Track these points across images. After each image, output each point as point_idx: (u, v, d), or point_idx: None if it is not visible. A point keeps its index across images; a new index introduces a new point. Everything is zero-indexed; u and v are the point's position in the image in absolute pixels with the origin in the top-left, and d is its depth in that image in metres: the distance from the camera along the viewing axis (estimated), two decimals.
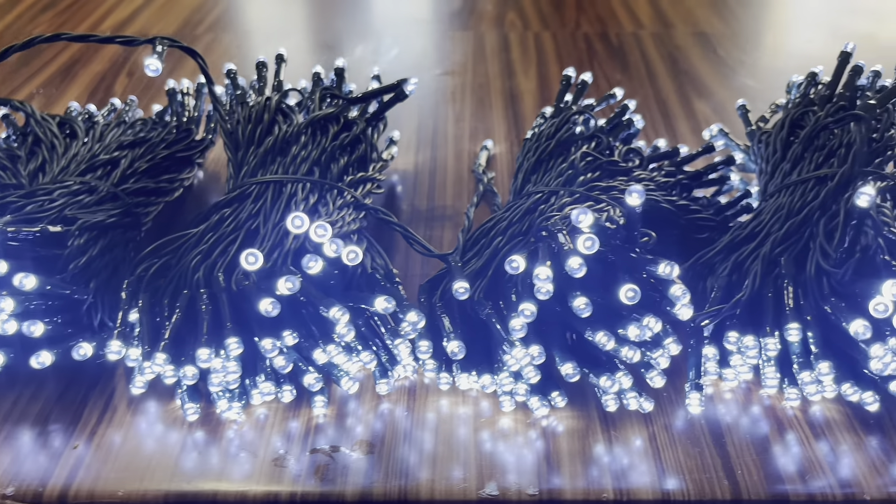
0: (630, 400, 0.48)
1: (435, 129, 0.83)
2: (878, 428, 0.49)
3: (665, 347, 0.47)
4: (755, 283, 0.52)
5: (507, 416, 0.50)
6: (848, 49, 0.65)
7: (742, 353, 0.51)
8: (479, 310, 0.50)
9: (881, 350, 0.45)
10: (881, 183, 0.55)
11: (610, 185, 0.59)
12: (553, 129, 0.64)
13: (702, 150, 0.67)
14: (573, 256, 0.45)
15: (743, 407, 0.51)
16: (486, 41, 1.05)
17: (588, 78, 0.69)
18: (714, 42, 1.03)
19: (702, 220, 0.62)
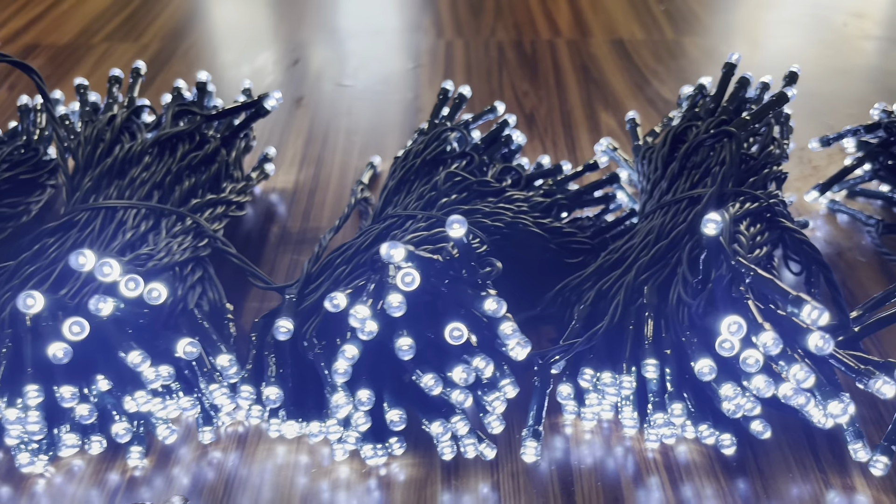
0: (468, 447, 0.44)
1: (324, 144, 0.79)
2: (741, 472, 0.45)
3: (501, 390, 0.43)
4: (616, 315, 0.49)
5: (345, 465, 0.46)
6: (732, 60, 0.61)
7: (599, 391, 0.47)
8: (307, 350, 0.45)
9: (731, 390, 0.42)
10: (751, 204, 0.51)
11: (474, 207, 0.55)
12: (422, 146, 0.60)
13: (585, 168, 0.64)
14: (392, 293, 0.40)
15: (599, 449, 0.47)
16: (394, 49, 1.01)
17: (467, 92, 0.65)
18: (630, 50, 0.99)
19: (576, 242, 0.58)
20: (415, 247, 0.45)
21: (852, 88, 0.92)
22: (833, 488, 0.45)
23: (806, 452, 0.46)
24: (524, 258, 0.56)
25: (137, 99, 0.63)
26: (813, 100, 0.88)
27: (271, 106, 0.61)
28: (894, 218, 0.67)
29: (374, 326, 0.42)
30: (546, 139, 0.80)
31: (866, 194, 0.69)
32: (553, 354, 0.46)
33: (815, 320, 0.37)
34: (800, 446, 0.47)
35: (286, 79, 0.93)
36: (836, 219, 0.68)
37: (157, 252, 0.49)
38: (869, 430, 0.47)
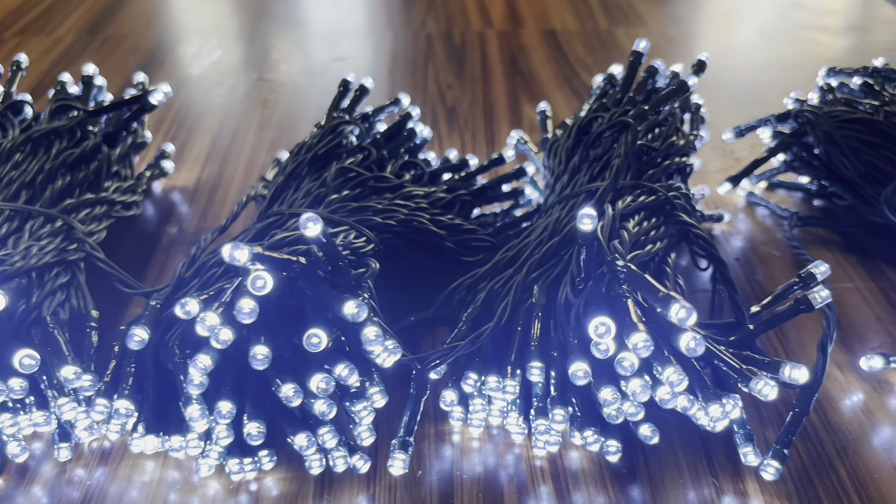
0: (337, 460, 0.41)
1: (233, 140, 0.76)
2: (631, 479, 0.43)
3: (369, 399, 0.40)
4: (504, 316, 0.46)
5: (215, 480, 0.43)
6: (639, 48, 0.59)
7: (484, 395, 0.45)
8: (167, 359, 0.42)
9: (611, 394, 0.39)
10: (647, 197, 0.49)
11: (365, 204, 0.52)
12: (315, 140, 0.57)
13: (490, 162, 0.61)
14: (244, 298, 0.38)
15: (485, 458, 0.45)
16: (321, 41, 0.98)
17: (369, 83, 0.63)
18: (562, 41, 0.97)
19: (476, 240, 0.56)
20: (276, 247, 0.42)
21: (786, 79, 0.90)
22: (725, 494, 0.42)
23: (700, 457, 0.44)
24: (419, 257, 0.54)
25: (16, 94, 0.60)
26: (744, 90, 0.86)
27: (158, 101, 0.58)
28: (813, 210, 0.66)
29: (229, 334, 0.39)
30: (466, 132, 0.77)
31: (786, 186, 0.67)
32: (432, 359, 0.43)
33: (683, 320, 0.35)
34: (694, 451, 0.45)
35: (204, 73, 0.90)
36: (754, 212, 0.66)
37: (12, 256, 0.45)
38: (767, 434, 0.45)
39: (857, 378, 0.49)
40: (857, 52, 0.98)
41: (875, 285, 0.57)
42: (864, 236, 0.61)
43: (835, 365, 0.51)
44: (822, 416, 0.47)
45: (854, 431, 0.46)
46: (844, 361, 0.51)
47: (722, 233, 0.63)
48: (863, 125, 0.57)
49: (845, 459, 0.44)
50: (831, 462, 0.44)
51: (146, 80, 0.66)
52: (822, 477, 0.43)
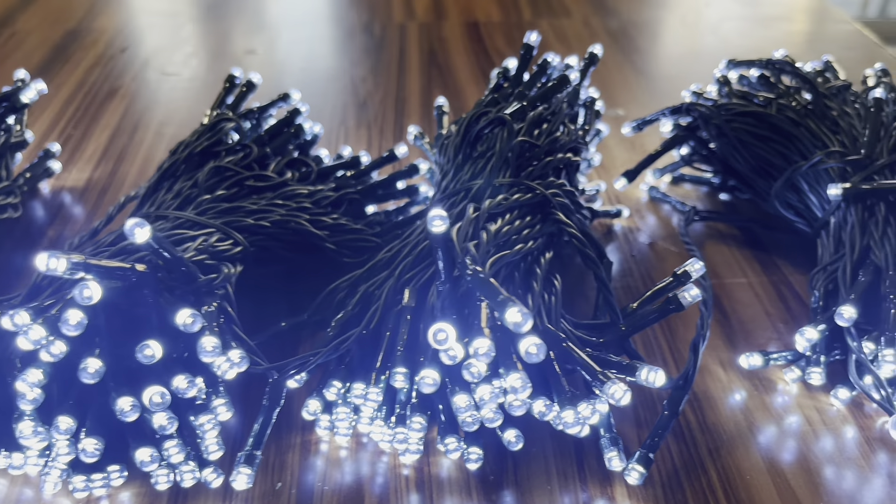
0: (185, 475, 0.39)
1: (131, 138, 0.73)
2: (497, 486, 0.42)
3: (213, 412, 0.38)
4: (373, 320, 0.45)
5: (66, 498, 0.41)
6: (530, 41, 0.58)
7: (350, 403, 0.43)
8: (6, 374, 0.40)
9: (464, 401, 0.38)
10: (523, 195, 0.47)
11: (237, 205, 0.51)
12: (194, 137, 0.55)
13: (383, 158, 0.60)
14: (70, 309, 0.36)
15: (352, 468, 0.43)
16: (232, 34, 0.95)
17: (256, 79, 0.61)
18: (483, 33, 0.96)
19: (361, 240, 0.54)
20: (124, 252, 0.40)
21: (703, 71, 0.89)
22: (593, 499, 0.41)
23: (571, 462, 0.43)
24: (298, 259, 0.52)
25: None
26: (659, 83, 0.86)
27: (29, 98, 0.55)
28: (718, 204, 0.65)
29: (62, 347, 0.37)
30: (374, 127, 0.75)
31: (691, 180, 0.66)
32: (290, 368, 0.42)
33: (518, 325, 0.33)
34: (566, 456, 0.44)
35: (109, 68, 0.87)
36: (657, 207, 0.65)
37: None
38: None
39: (738, 376, 0.49)
40: (781, 42, 0.97)
41: (768, 280, 0.57)
42: (761, 230, 0.61)
43: (718, 363, 0.50)
44: (700, 416, 0.46)
45: (730, 431, 0.45)
46: (728, 359, 0.50)
47: (622, 228, 0.62)
48: (755, 118, 0.57)
49: (717, 460, 0.43)
50: (703, 463, 0.43)
51: (27, 77, 0.63)
52: (692, 479, 0.42)
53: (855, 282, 0.47)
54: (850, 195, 0.51)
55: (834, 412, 0.46)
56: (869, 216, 0.50)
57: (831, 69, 0.63)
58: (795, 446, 0.44)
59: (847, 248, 0.49)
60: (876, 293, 0.47)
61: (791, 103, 0.57)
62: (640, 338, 0.51)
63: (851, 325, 0.45)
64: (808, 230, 0.55)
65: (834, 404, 0.47)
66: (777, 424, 0.46)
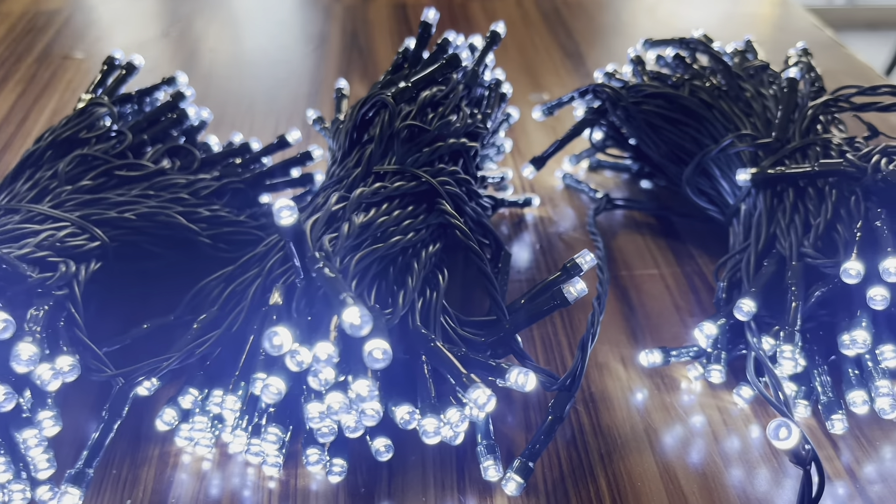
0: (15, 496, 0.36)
1: (20, 126, 0.68)
2: (368, 499, 0.39)
3: (39, 426, 0.35)
4: (237, 321, 0.41)
5: None
6: (427, 18, 0.54)
7: (207, 412, 0.39)
8: None
9: (316, 410, 0.35)
10: (409, 183, 0.44)
11: (99, 197, 0.46)
12: (61, 123, 0.51)
13: (275, 144, 0.56)
14: None
15: (214, 480, 0.39)
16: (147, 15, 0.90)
17: (137, 61, 0.56)
18: (410, 15, 0.92)
19: (241, 233, 0.50)
20: None
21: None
22: None
23: (450, 472, 0.40)
24: (169, 255, 0.48)
25: None
26: (589, 66, 0.82)
27: None
28: (636, 192, 0.62)
29: None
30: (283, 115, 0.71)
31: (609, 167, 0.63)
32: (138, 375, 0.38)
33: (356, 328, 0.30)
34: (446, 464, 0.40)
35: (8, 51, 0.82)
36: (572, 195, 0.62)
37: None
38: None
39: (640, 375, 0.46)
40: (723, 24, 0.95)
41: (680, 271, 0.54)
42: (677, 219, 0.58)
43: (619, 360, 0.47)
44: (595, 418, 0.43)
45: (625, 434, 0.42)
46: (630, 356, 0.47)
47: (534, 218, 0.59)
48: (665, 100, 0.54)
49: (608, 466, 0.40)
50: (593, 470, 0.40)
51: None
52: (580, 487, 0.39)
53: (758, 273, 0.44)
54: (758, 180, 0.48)
55: (737, 412, 0.44)
56: (778, 202, 0.47)
57: (751, 49, 0.60)
58: (694, 449, 0.41)
59: (752, 237, 0.46)
60: (781, 284, 0.44)
61: (705, 84, 0.54)
62: (540, 336, 0.48)
63: (751, 318, 0.42)
64: (721, 218, 0.52)
65: (738, 403, 0.44)
66: (676, 426, 0.43)
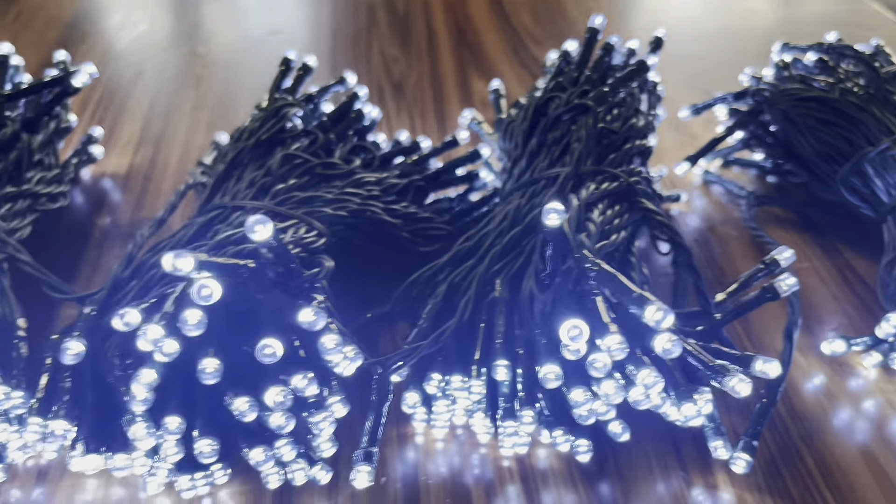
0: (296, 473, 0.39)
1: (166, 121, 0.71)
2: (600, 476, 0.42)
3: (329, 409, 0.38)
4: (466, 311, 0.44)
5: (165, 497, 0.40)
6: (595, 24, 0.57)
7: (449, 396, 0.43)
8: (105, 373, 0.39)
9: (582, 395, 0.38)
10: (610, 184, 0.47)
11: (314, 194, 0.49)
12: (257, 124, 0.53)
13: (444, 144, 0.59)
14: (189, 309, 0.35)
15: (452, 460, 0.43)
16: (252, 12, 0.93)
17: (312, 62, 0.59)
18: (509, 11, 0.94)
19: (433, 228, 0.53)
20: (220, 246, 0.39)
21: (732, 51, 0.89)
22: (695, 487, 0.42)
23: (669, 451, 0.43)
24: (375, 249, 0.51)
25: None
26: (693, 63, 0.85)
27: (82, 83, 0.53)
28: (768, 188, 0.65)
29: (175, 346, 0.36)
30: (415, 110, 0.74)
31: (741, 163, 0.66)
32: (394, 362, 0.41)
33: (659, 322, 0.33)
34: (663, 445, 0.44)
35: (130, 47, 0.84)
36: (710, 190, 0.65)
37: None
38: (734, 422, 0.45)
39: (818, 362, 0.49)
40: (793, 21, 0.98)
41: (831, 264, 0.57)
42: (818, 214, 0.61)
43: (797, 349, 0.50)
44: (788, 403, 0.47)
45: (818, 418, 0.46)
46: (805, 345, 0.50)
47: (679, 213, 0.62)
48: (819, 103, 0.57)
49: (811, 447, 0.44)
50: (798, 451, 0.44)
51: (68, 59, 0.61)
52: (790, 466, 0.43)
53: None
54: None
55: None
56: None
57: (883, 53, 0.63)
58: (882, 431, 0.45)
59: None
60: None
61: (852, 88, 0.58)
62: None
63: None
64: (872, 215, 0.56)
65: None
66: (861, 409, 0.46)
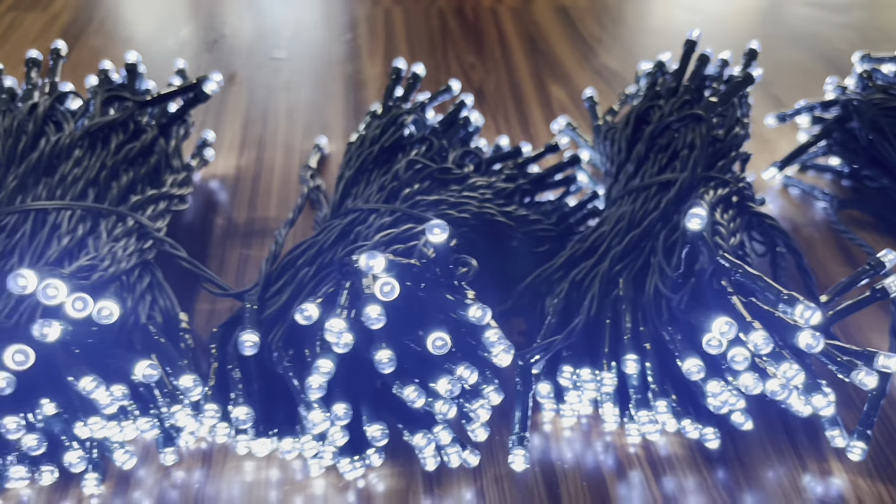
0: (451, 456, 0.42)
1: (264, 125, 0.74)
2: (723, 462, 0.45)
3: (485, 397, 0.41)
4: (592, 308, 0.47)
5: (319, 479, 0.44)
6: (693, 36, 0.60)
7: (579, 388, 0.46)
8: (275, 363, 0.42)
9: (718, 387, 0.41)
10: (722, 190, 0.50)
11: (439, 198, 0.53)
12: (378, 131, 0.57)
13: (545, 150, 0.62)
14: (371, 304, 0.38)
15: (581, 447, 0.46)
16: (331, 18, 0.96)
17: (420, 71, 0.62)
18: (575, 19, 0.97)
19: (542, 230, 0.56)
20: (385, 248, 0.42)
21: (791, 56, 0.92)
22: (810, 474, 0.45)
23: (783, 439, 0.47)
24: (491, 249, 0.54)
25: (59, 83, 0.57)
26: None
27: (211, 90, 0.57)
28: (844, 191, 0.68)
29: (350, 339, 0.39)
30: (498, 116, 0.77)
31: (819, 168, 0.69)
32: (534, 354, 0.44)
33: (809, 319, 0.36)
34: (776, 433, 0.47)
35: (215, 54, 0.87)
36: (788, 194, 0.68)
37: (101, 260, 0.44)
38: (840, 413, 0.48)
39: None
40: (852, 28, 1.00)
41: None
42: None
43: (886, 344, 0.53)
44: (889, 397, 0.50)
45: None
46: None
47: None
48: None
49: None
50: None
51: (186, 66, 0.64)
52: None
53: None
54: None
55: None
56: None
57: None
58: None
59: None
60: None
61: None
62: None
63: None
64: None
65: None
66: None
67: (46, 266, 0.45)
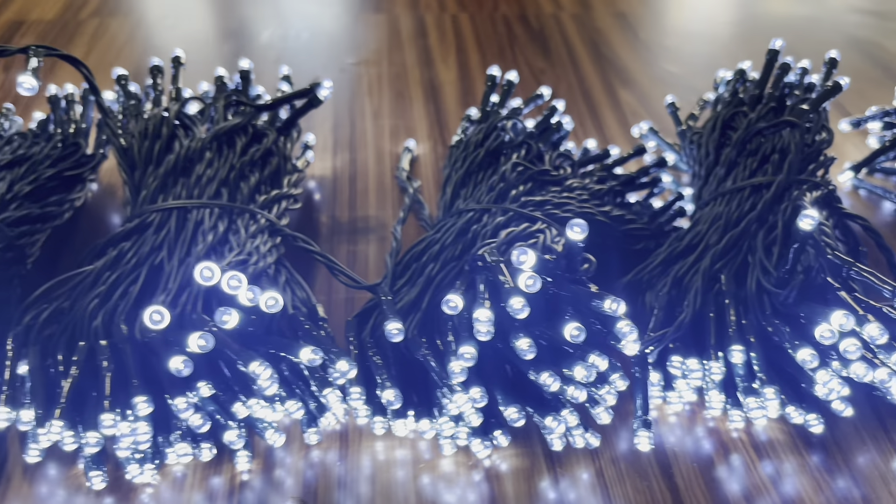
0: (576, 437, 0.46)
1: (352, 128, 0.78)
2: (821, 446, 0.49)
3: (612, 383, 0.45)
4: (696, 302, 0.51)
5: (448, 458, 0.47)
6: (776, 46, 0.63)
7: (686, 376, 0.49)
8: (413, 350, 0.46)
9: (827, 376, 0.44)
10: (816, 192, 0.54)
11: (544, 198, 0.56)
12: (481, 136, 0.60)
13: (634, 153, 0.65)
14: (515, 296, 0.41)
15: (687, 431, 0.49)
16: (400, 25, 0.99)
17: (514, 78, 0.66)
18: (634, 25, 1.01)
19: (636, 229, 0.60)
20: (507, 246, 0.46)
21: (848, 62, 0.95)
22: None
23: (875, 424, 0.50)
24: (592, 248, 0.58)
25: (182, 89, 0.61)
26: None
27: (324, 96, 0.60)
28: None
29: (491, 327, 0.42)
30: (573, 119, 0.80)
31: (887, 171, 0.73)
32: (648, 345, 0.48)
33: None
34: (869, 419, 0.50)
35: (296, 58, 0.91)
36: (858, 195, 0.71)
37: (249, 255, 0.48)
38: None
39: None
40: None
41: None
42: None
43: None
44: None
45: None
46: None
47: None
48: None
49: None
50: None
51: (290, 73, 0.68)
52: None
53: None
54: None
55: None
56: None
57: None
58: None
59: None
60: None
61: None
62: None
63: None
64: None
65: None
66: None
67: (194, 256, 0.48)
